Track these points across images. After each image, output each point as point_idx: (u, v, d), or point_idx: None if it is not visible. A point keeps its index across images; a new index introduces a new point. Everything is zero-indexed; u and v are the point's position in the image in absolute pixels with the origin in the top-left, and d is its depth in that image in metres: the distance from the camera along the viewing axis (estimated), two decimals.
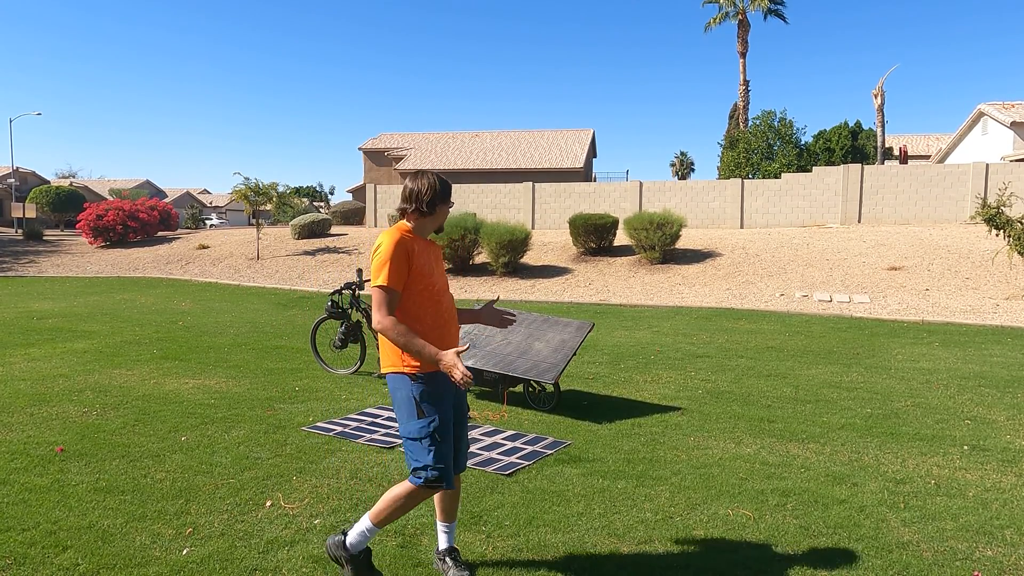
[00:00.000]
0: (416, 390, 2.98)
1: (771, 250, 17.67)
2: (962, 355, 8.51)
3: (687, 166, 71.83)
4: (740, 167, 31.18)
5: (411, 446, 3.00)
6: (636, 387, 6.86)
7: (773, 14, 36.36)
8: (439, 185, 3.08)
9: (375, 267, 2.97)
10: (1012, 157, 26.65)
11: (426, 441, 2.97)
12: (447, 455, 2.99)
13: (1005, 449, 5.00)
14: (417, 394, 2.97)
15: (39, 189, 40.80)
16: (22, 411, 5.83)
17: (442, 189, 3.09)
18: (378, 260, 2.96)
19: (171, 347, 8.90)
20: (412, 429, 2.98)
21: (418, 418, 2.97)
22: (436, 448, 2.97)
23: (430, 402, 2.98)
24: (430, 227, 3.14)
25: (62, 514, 3.81)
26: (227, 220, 63.12)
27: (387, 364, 3.06)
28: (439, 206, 3.09)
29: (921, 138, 43.05)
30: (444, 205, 3.11)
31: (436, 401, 2.99)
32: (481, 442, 5.10)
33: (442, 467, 2.97)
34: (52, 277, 20.49)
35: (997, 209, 13.32)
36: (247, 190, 23.12)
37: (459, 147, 37.95)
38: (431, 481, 2.97)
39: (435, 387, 3.00)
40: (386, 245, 2.96)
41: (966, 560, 3.36)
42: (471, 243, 17.67)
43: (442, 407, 2.99)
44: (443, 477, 2.97)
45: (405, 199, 3.10)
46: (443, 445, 2.98)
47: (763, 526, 3.73)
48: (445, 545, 3.25)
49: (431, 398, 2.98)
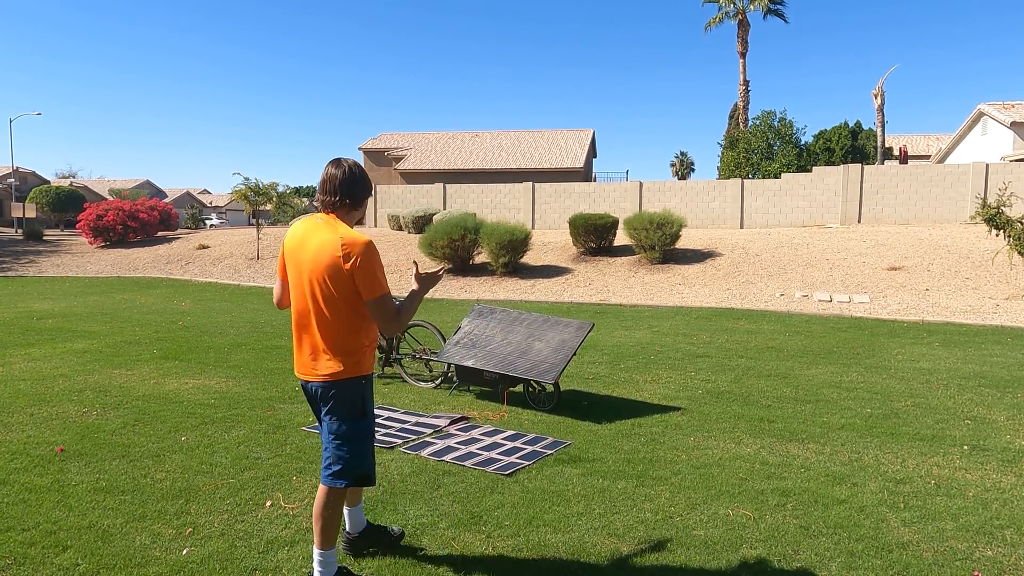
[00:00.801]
0: (366, 391, 3.02)
1: (771, 250, 17.67)
2: (962, 355, 8.50)
3: (687, 166, 71.84)
4: (740, 167, 31.18)
5: (354, 447, 2.99)
6: (636, 387, 6.86)
7: (773, 14, 36.36)
8: (363, 173, 3.00)
9: (368, 274, 2.83)
10: (1012, 157, 26.65)
11: (369, 440, 3.05)
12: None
13: (1005, 449, 5.00)
14: (366, 394, 3.02)
15: (39, 189, 40.82)
16: (22, 411, 5.83)
17: (366, 178, 3.01)
18: (370, 266, 2.83)
19: (171, 347, 8.90)
20: (361, 428, 3.01)
21: (362, 418, 3.01)
22: (369, 447, 3.08)
23: (371, 402, 3.07)
24: (355, 221, 3.04)
25: (62, 514, 3.81)
26: (227, 220, 63.11)
27: (337, 371, 2.94)
28: (366, 197, 3.02)
29: (921, 138, 43.05)
30: (368, 197, 3.04)
31: (370, 402, 3.07)
32: (481, 442, 5.10)
33: (371, 462, 3.09)
34: (52, 277, 20.49)
35: (997, 209, 13.32)
36: (247, 190, 23.12)
37: (459, 147, 37.94)
38: (365, 478, 3.04)
39: (371, 389, 3.08)
40: (371, 250, 2.85)
41: (966, 560, 3.36)
42: (471, 243, 17.67)
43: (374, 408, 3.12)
44: (370, 474, 3.09)
45: (331, 190, 2.93)
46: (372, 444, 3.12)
47: (763, 526, 3.73)
48: (364, 525, 3.38)
49: (371, 399, 3.08)
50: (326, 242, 2.86)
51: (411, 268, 18.35)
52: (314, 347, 2.96)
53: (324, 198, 2.96)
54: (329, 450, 3.00)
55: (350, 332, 2.93)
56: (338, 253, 2.83)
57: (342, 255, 2.82)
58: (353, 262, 2.82)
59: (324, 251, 2.85)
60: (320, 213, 3.02)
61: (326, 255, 2.85)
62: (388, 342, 7.18)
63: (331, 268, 2.84)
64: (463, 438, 5.20)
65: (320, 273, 2.87)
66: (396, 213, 24.47)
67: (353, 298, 2.88)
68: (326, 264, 2.85)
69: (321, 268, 2.86)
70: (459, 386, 6.73)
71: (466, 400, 6.45)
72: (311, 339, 2.97)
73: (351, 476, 2.99)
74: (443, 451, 4.87)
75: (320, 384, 2.96)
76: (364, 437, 3.01)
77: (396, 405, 6.21)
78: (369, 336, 3.00)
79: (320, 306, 2.91)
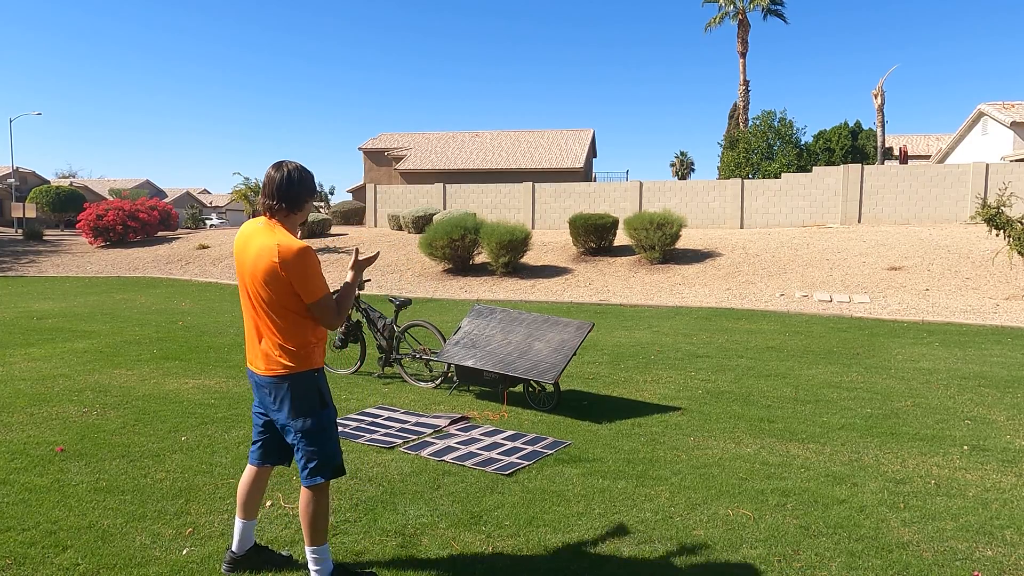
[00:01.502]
0: (320, 382, 3.05)
1: (771, 250, 17.67)
2: (962, 355, 8.51)
3: (687, 166, 71.80)
4: (740, 167, 31.17)
5: (323, 439, 3.00)
6: (636, 387, 6.86)
7: (773, 14, 36.36)
8: (305, 175, 2.98)
9: (306, 279, 2.87)
10: (1012, 157, 26.66)
11: (334, 429, 3.06)
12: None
13: (1005, 449, 5.00)
14: (320, 386, 3.04)
15: (39, 189, 40.81)
16: (22, 411, 5.83)
17: (308, 180, 3.00)
18: (308, 271, 2.87)
19: (171, 347, 8.91)
20: (324, 419, 3.02)
21: (323, 409, 3.03)
22: (336, 436, 3.09)
23: (328, 394, 3.09)
24: (298, 224, 3.06)
25: (62, 514, 3.81)
26: (227, 220, 63.10)
27: (288, 368, 2.97)
28: (307, 200, 3.01)
29: (921, 138, 43.05)
30: (311, 199, 3.02)
31: (327, 393, 3.10)
32: (481, 442, 5.10)
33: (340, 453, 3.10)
34: (52, 277, 20.50)
35: (997, 209, 13.32)
36: (247, 190, 23.15)
37: (459, 147, 37.94)
38: (339, 469, 3.05)
39: (325, 381, 3.11)
40: (308, 256, 2.88)
41: (966, 560, 3.36)
42: (471, 243, 17.67)
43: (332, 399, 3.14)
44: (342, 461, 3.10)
45: (270, 194, 2.95)
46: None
47: (763, 526, 3.73)
48: (251, 544, 3.26)
49: (327, 390, 3.10)
50: (263, 248, 2.90)
51: (409, 268, 18.48)
52: (260, 344, 3.03)
53: (264, 201, 2.99)
54: (300, 450, 3.02)
55: (295, 332, 2.97)
56: (275, 259, 2.87)
57: (278, 262, 2.87)
58: (289, 269, 2.87)
59: (262, 257, 2.90)
60: (263, 216, 3.05)
61: (264, 261, 2.89)
62: (388, 342, 7.18)
63: (268, 274, 2.89)
64: (463, 438, 5.20)
65: (259, 278, 2.92)
66: (396, 213, 24.47)
67: (293, 300, 2.94)
68: (263, 270, 2.90)
69: (260, 274, 2.91)
70: (459, 386, 6.73)
71: (466, 400, 6.45)
72: (259, 338, 3.03)
73: (328, 469, 3.02)
74: (443, 451, 4.88)
75: (271, 381, 3.00)
76: (328, 427, 3.04)
77: (396, 405, 6.21)
78: (316, 333, 3.03)
79: (264, 308, 2.96)
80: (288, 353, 2.96)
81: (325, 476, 3.01)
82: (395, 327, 7.22)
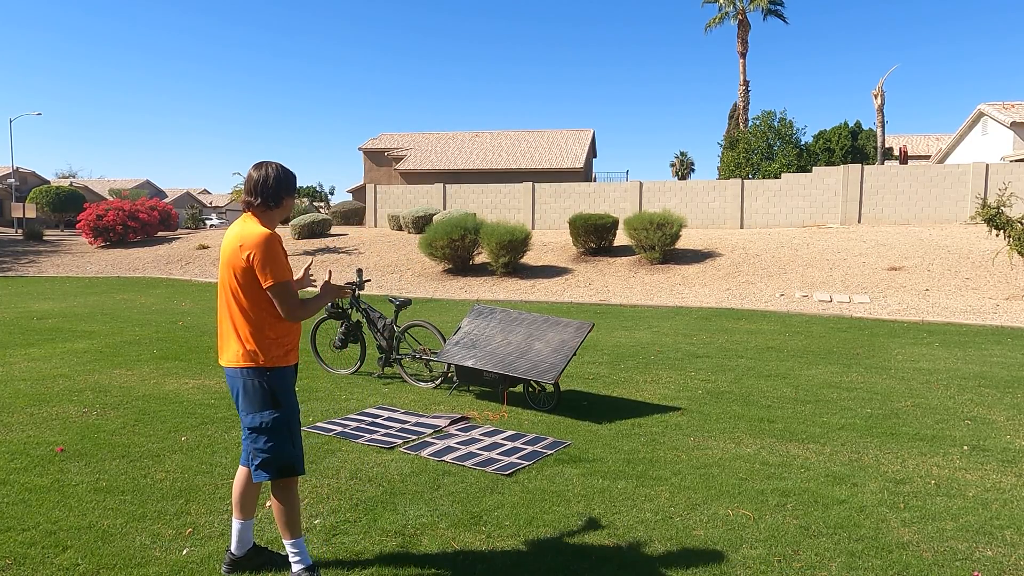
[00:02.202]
0: (273, 382, 3.05)
1: (771, 250, 17.67)
2: (962, 355, 8.51)
3: (687, 166, 71.78)
4: (740, 167, 31.18)
5: (270, 438, 3.03)
6: (636, 387, 6.86)
7: (773, 14, 36.36)
8: (284, 175, 3.10)
9: (264, 263, 2.96)
10: (1012, 157, 26.66)
11: (285, 430, 3.06)
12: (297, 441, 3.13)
13: (1005, 449, 5.00)
14: (273, 385, 3.05)
15: (39, 189, 40.79)
16: (22, 411, 5.83)
17: (287, 179, 3.11)
18: (267, 255, 2.97)
19: (171, 347, 8.91)
20: (273, 420, 3.03)
21: (274, 408, 3.04)
22: (289, 438, 3.08)
23: (284, 394, 3.08)
24: (277, 220, 3.18)
25: (62, 514, 3.81)
26: (227, 220, 63.11)
27: (241, 360, 3.05)
28: (285, 198, 3.12)
29: (921, 138, 43.06)
30: (289, 197, 3.12)
31: (286, 393, 3.09)
32: (481, 442, 5.10)
33: (297, 453, 3.10)
34: (52, 277, 20.50)
35: (997, 209, 13.32)
36: None
37: (459, 147, 37.94)
38: (286, 469, 3.06)
39: (285, 380, 3.10)
40: (270, 242, 2.98)
41: (966, 560, 3.36)
42: (471, 243, 17.67)
43: (291, 400, 3.11)
44: (295, 464, 3.10)
45: (249, 191, 3.10)
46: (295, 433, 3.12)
47: (763, 526, 3.73)
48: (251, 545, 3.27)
49: (285, 391, 3.10)
50: (233, 237, 3.07)
51: (409, 268, 18.46)
52: (226, 335, 3.11)
53: (244, 197, 3.15)
54: (246, 444, 3.12)
55: (255, 326, 3.04)
56: (238, 245, 3.02)
57: (240, 247, 3.01)
58: (250, 254, 2.99)
59: (231, 245, 3.06)
60: (246, 212, 3.18)
61: (230, 249, 3.05)
62: (388, 342, 7.18)
63: (234, 260, 3.03)
64: (463, 438, 5.20)
65: (227, 266, 3.06)
66: (396, 213, 24.47)
67: (256, 291, 3.03)
68: (229, 257, 3.05)
69: (227, 262, 3.06)
70: (459, 386, 6.73)
71: (466, 400, 6.45)
72: (224, 330, 3.13)
73: (272, 468, 3.04)
74: (443, 451, 4.88)
75: (229, 373, 3.11)
76: (278, 428, 3.04)
77: (396, 405, 6.21)
78: (275, 330, 3.06)
79: (229, 296, 3.08)
80: (245, 347, 3.04)
81: (269, 474, 3.04)
82: (395, 327, 7.22)
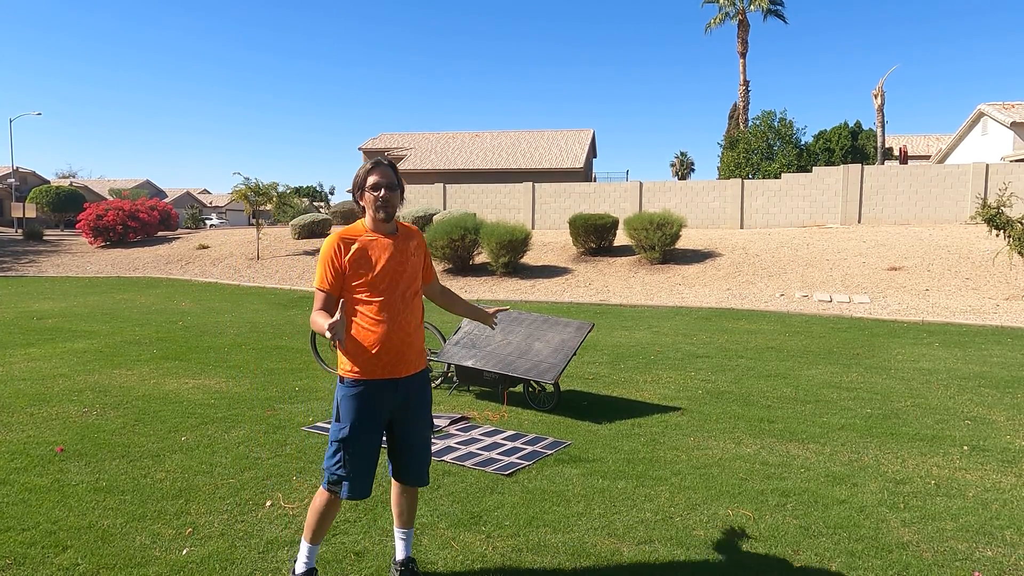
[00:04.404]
0: (339, 393, 2.99)
1: (771, 250, 17.67)
2: (962, 355, 8.50)
3: (687, 166, 71.77)
4: (740, 167, 31.18)
5: (330, 447, 2.99)
6: (636, 387, 6.85)
7: (773, 14, 36.35)
8: (360, 172, 3.10)
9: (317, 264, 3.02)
10: (1012, 157, 26.65)
11: (337, 444, 2.95)
12: (355, 464, 2.94)
13: (1005, 449, 5.00)
14: (338, 396, 2.99)
15: (39, 189, 40.80)
16: (22, 411, 5.83)
17: (362, 176, 3.09)
18: (318, 258, 3.04)
19: (171, 347, 8.90)
20: (333, 431, 2.98)
21: (335, 421, 2.98)
22: (341, 457, 2.93)
23: (348, 412, 2.94)
24: (360, 216, 3.15)
25: (62, 514, 3.81)
26: (227, 220, 63.11)
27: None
28: (361, 194, 3.10)
29: (921, 138, 43.06)
30: (361, 192, 3.09)
31: (351, 410, 2.93)
32: (481, 442, 5.10)
33: (344, 472, 2.93)
34: (52, 277, 20.49)
35: (997, 209, 13.32)
36: (247, 190, 23.13)
37: (459, 147, 37.93)
38: (334, 484, 2.96)
39: (356, 397, 2.93)
40: (324, 245, 3.01)
41: (966, 560, 3.36)
42: (471, 243, 17.67)
43: (356, 418, 2.93)
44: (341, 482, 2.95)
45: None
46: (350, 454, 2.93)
47: (763, 526, 3.73)
48: (402, 555, 3.22)
49: (349, 408, 2.94)
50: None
51: None
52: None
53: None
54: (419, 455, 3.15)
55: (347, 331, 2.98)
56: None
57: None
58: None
59: None
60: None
61: None
62: None
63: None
64: (463, 438, 5.20)
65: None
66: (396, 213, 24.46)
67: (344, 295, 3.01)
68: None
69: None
70: (459, 386, 6.73)
71: (466, 400, 6.45)
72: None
73: (325, 479, 2.99)
74: (443, 451, 4.87)
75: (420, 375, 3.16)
76: (333, 440, 2.98)
77: None
78: (353, 340, 2.94)
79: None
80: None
81: (323, 483, 3.00)
82: None
